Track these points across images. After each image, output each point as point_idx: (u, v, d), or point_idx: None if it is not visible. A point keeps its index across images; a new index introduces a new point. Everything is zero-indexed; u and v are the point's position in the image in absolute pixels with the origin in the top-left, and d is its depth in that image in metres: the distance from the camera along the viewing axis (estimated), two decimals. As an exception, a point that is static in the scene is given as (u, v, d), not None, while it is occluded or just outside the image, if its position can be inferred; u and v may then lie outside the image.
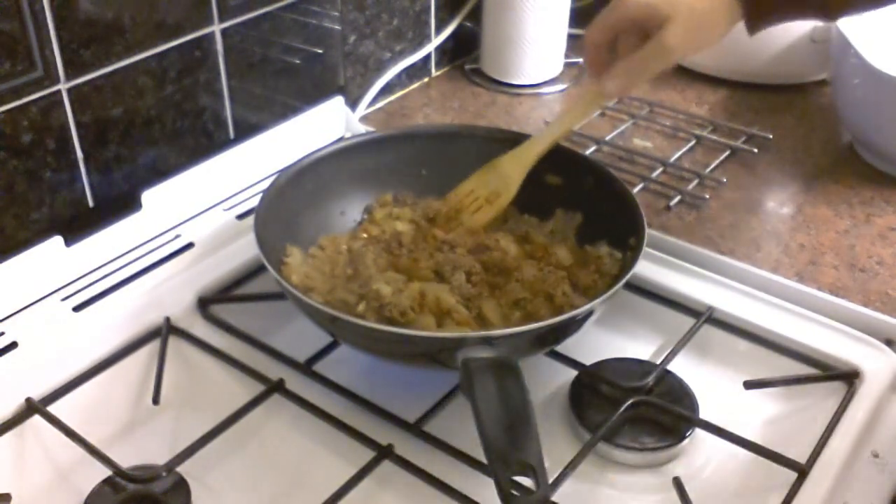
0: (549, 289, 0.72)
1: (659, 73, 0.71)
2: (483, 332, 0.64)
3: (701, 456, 0.66)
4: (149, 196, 0.82)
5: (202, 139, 0.86)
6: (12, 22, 0.68)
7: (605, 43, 0.72)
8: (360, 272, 0.74)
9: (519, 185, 0.79)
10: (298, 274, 0.74)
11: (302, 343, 0.72)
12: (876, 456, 0.64)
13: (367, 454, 0.63)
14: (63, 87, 0.73)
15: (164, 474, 0.61)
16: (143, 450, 0.64)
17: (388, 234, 0.79)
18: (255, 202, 0.77)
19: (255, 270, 0.80)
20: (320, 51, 0.96)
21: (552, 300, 0.71)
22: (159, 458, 0.62)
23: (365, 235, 0.80)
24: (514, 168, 0.79)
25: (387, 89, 1.11)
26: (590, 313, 0.66)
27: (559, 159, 0.80)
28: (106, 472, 0.61)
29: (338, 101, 0.99)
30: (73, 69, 0.73)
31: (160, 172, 0.83)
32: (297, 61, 0.93)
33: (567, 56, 1.18)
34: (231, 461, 0.65)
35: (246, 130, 0.90)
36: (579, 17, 1.18)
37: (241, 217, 0.86)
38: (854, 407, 0.67)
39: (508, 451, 0.54)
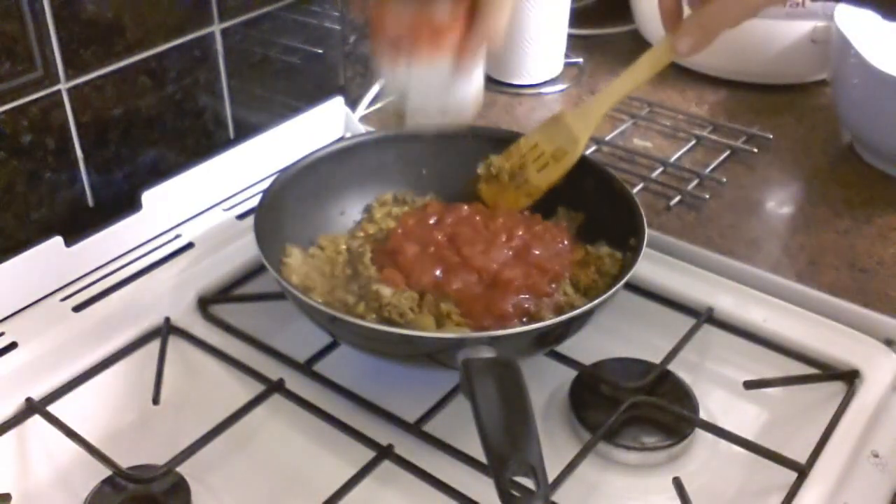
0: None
1: (736, 27, 0.65)
2: (483, 333, 0.64)
3: (701, 456, 0.66)
4: (149, 196, 0.82)
5: (202, 139, 0.86)
6: (12, 22, 0.68)
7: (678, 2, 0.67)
8: (359, 272, 0.74)
9: (586, 142, 0.76)
10: (298, 274, 0.74)
11: (302, 343, 0.72)
12: (876, 456, 0.64)
13: (367, 454, 0.63)
14: (63, 87, 0.73)
15: (164, 474, 0.61)
16: (143, 450, 0.64)
17: (386, 232, 0.79)
18: (255, 202, 0.77)
19: (255, 270, 0.80)
20: (320, 51, 0.96)
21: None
22: (159, 458, 0.62)
23: (362, 234, 0.80)
24: (580, 124, 0.76)
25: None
26: (590, 313, 0.66)
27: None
28: (106, 472, 0.61)
29: (338, 101, 0.99)
30: (73, 69, 0.73)
31: (160, 172, 0.83)
32: (297, 61, 0.93)
33: (567, 56, 1.18)
34: (231, 461, 0.65)
35: (246, 130, 0.90)
36: (579, 17, 1.18)
37: (241, 217, 0.86)
38: (854, 407, 0.67)
39: (508, 452, 0.53)
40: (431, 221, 0.77)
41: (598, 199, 0.78)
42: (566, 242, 0.76)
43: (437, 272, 0.72)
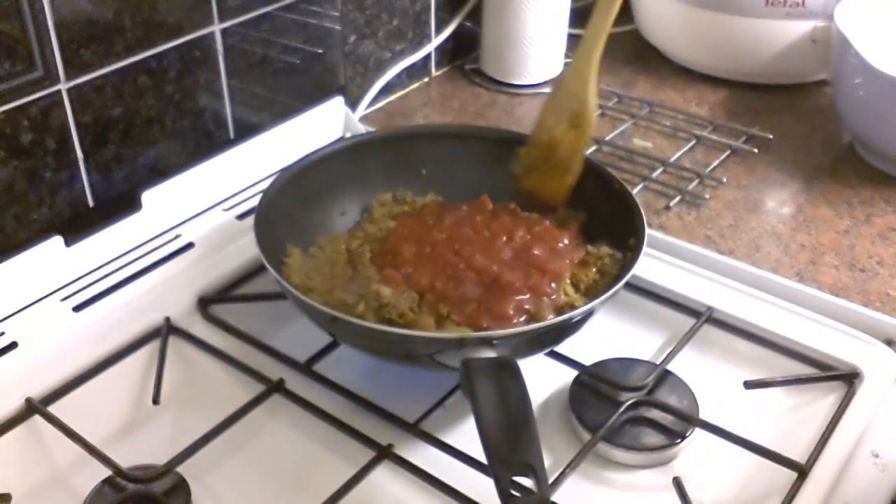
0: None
1: None
2: (483, 333, 0.64)
3: (701, 456, 0.66)
4: (149, 196, 0.82)
5: (202, 139, 0.86)
6: (12, 22, 0.68)
7: None
8: (359, 272, 0.74)
9: (594, 94, 0.76)
10: (298, 274, 0.74)
11: (302, 343, 0.72)
12: (876, 456, 0.64)
13: (367, 454, 0.63)
14: (63, 87, 0.73)
15: (164, 474, 0.61)
16: (143, 450, 0.64)
17: (386, 232, 0.79)
18: (255, 202, 0.77)
19: (255, 270, 0.80)
20: (320, 51, 0.96)
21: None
22: (159, 458, 0.62)
23: (362, 234, 0.80)
24: (579, 82, 0.76)
25: (387, 89, 1.11)
26: (590, 313, 0.66)
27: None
28: (106, 472, 0.61)
29: (338, 101, 0.99)
30: (73, 69, 0.73)
31: (160, 172, 0.83)
32: (297, 61, 0.93)
33: (567, 56, 1.18)
34: (231, 461, 0.65)
35: (246, 130, 0.90)
36: (579, 16, 1.18)
37: (241, 217, 0.86)
38: (854, 407, 0.67)
39: (508, 451, 0.53)
40: (431, 221, 0.77)
41: (598, 199, 0.78)
42: (566, 242, 0.76)
43: (436, 273, 0.71)
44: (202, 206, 0.87)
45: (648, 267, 0.78)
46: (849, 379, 0.70)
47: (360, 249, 0.76)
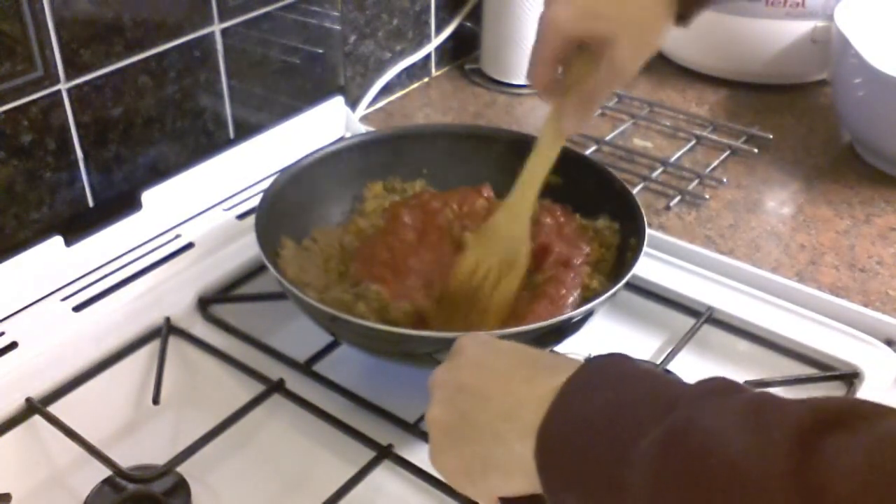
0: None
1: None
2: (483, 332, 0.64)
3: (701, 456, 0.66)
4: (149, 196, 0.82)
5: (202, 139, 0.86)
6: (12, 22, 0.68)
7: (553, 74, 0.67)
8: (351, 269, 0.74)
9: (528, 240, 0.70)
10: (293, 267, 0.73)
11: (302, 343, 0.72)
12: (876, 456, 0.64)
13: (367, 454, 0.64)
14: (63, 87, 0.73)
15: (164, 474, 0.61)
16: (143, 450, 0.64)
17: (377, 228, 0.78)
18: (255, 202, 0.77)
19: (255, 270, 0.80)
20: (320, 51, 0.96)
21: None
22: (159, 458, 0.62)
23: (354, 229, 0.79)
24: (513, 226, 0.69)
25: (387, 89, 1.11)
26: (589, 313, 0.66)
27: (559, 159, 0.80)
28: (106, 472, 0.61)
29: (338, 101, 0.99)
30: (73, 69, 0.73)
31: (160, 172, 0.83)
32: (297, 61, 0.93)
33: (567, 56, 1.18)
34: (231, 461, 0.65)
35: (246, 130, 0.90)
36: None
37: (241, 217, 0.86)
38: (854, 407, 0.67)
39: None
40: (415, 234, 0.77)
41: (599, 199, 0.78)
42: (582, 246, 0.76)
43: (418, 285, 0.71)
44: (202, 206, 0.87)
45: (648, 267, 0.78)
46: (849, 379, 0.70)
47: (351, 246, 0.76)
